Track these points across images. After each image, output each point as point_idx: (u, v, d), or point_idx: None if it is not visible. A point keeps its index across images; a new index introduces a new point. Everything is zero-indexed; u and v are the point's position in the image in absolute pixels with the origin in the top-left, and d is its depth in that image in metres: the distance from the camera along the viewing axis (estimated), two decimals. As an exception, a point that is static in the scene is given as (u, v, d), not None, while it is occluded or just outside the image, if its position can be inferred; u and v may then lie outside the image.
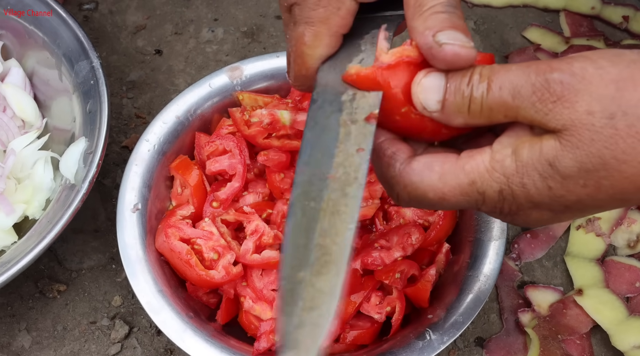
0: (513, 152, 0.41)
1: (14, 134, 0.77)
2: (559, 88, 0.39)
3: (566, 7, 0.96)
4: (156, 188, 0.71)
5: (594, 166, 0.39)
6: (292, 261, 0.40)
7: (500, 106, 0.41)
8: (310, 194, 0.42)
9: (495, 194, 0.42)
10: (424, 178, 0.43)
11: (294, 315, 0.39)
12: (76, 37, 0.75)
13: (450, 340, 0.63)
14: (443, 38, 0.42)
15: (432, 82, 0.43)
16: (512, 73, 0.40)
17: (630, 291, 0.75)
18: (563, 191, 0.40)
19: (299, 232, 0.41)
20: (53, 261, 0.77)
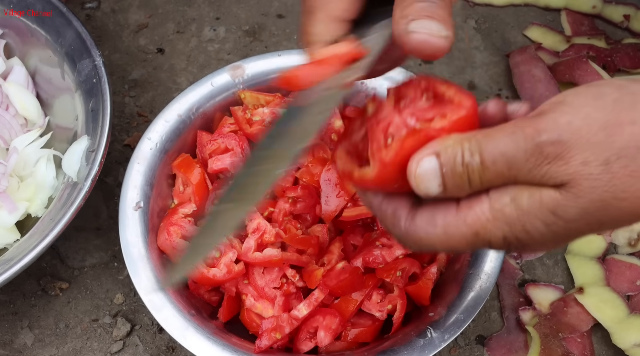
0: (512, 200, 0.41)
1: (17, 133, 0.77)
2: (551, 150, 0.39)
3: (567, 6, 0.96)
4: (158, 186, 0.71)
5: (597, 209, 0.40)
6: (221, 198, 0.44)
7: (498, 178, 0.41)
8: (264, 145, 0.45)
9: (500, 240, 0.42)
10: (429, 234, 0.44)
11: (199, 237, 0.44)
12: (78, 36, 0.75)
13: (451, 338, 0.63)
14: (414, 26, 0.43)
15: (426, 170, 0.42)
16: (501, 143, 0.40)
17: (631, 290, 0.75)
18: (566, 232, 0.41)
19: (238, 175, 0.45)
20: (55, 259, 0.77)
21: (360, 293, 0.66)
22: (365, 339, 0.67)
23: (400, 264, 0.66)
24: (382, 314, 0.66)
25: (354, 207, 0.68)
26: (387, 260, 0.66)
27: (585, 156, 0.39)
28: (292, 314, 0.64)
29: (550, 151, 0.39)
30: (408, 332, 0.64)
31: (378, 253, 0.66)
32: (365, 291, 0.66)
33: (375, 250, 0.66)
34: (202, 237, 0.44)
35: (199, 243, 0.44)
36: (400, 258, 0.66)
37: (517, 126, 0.41)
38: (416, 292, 0.67)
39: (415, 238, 0.45)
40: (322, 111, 0.46)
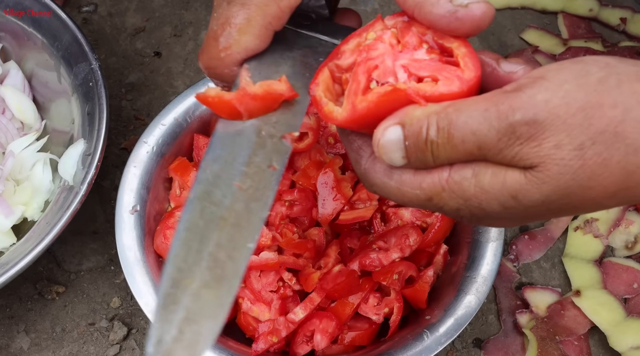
0: (473, 175, 0.39)
1: (13, 136, 0.77)
2: (524, 130, 0.37)
3: (564, 9, 0.96)
4: (155, 189, 0.71)
5: (560, 197, 0.38)
6: (181, 263, 0.38)
7: (466, 156, 0.39)
8: (213, 197, 0.40)
9: (452, 210, 0.41)
10: (385, 184, 0.42)
11: (173, 324, 0.36)
12: (75, 40, 0.75)
13: (448, 341, 0.63)
14: (464, 0, 0.39)
15: (390, 140, 0.40)
16: (473, 121, 0.38)
17: (628, 292, 0.75)
18: (524, 214, 0.40)
19: (194, 234, 0.39)
20: (52, 262, 0.77)
21: (357, 296, 0.66)
22: (362, 342, 0.67)
23: (397, 268, 0.66)
24: (378, 317, 0.66)
25: (351, 210, 0.68)
26: (384, 263, 0.66)
27: (559, 138, 0.37)
28: (289, 317, 0.64)
29: (524, 131, 0.37)
30: (405, 335, 0.64)
31: (375, 256, 0.66)
32: (362, 294, 0.66)
33: (371, 253, 0.66)
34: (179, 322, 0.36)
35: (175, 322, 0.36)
36: (396, 261, 0.66)
37: (492, 101, 0.38)
38: (413, 295, 0.67)
39: (371, 181, 0.43)
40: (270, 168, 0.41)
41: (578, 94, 0.37)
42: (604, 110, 0.37)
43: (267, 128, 0.43)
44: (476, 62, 0.40)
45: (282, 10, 0.46)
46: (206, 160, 0.42)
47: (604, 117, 0.37)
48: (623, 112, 0.37)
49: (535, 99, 0.37)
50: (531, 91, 0.38)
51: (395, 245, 0.67)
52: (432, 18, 0.41)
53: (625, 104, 0.37)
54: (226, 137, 0.43)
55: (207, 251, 0.38)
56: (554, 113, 0.37)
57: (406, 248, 0.67)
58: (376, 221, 0.70)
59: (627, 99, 0.37)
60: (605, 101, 0.37)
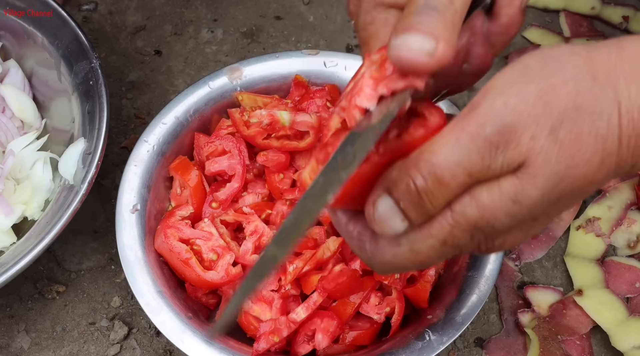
0: (471, 198, 0.40)
1: (13, 135, 0.77)
2: (499, 138, 0.38)
3: (566, 7, 0.96)
4: (155, 188, 0.71)
5: (554, 184, 0.39)
6: (274, 238, 0.40)
7: (462, 188, 0.39)
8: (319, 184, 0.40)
9: (469, 242, 0.41)
10: (396, 254, 0.42)
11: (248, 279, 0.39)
12: (75, 38, 0.75)
13: (449, 340, 0.62)
14: (394, 42, 0.40)
15: (384, 211, 0.41)
16: (451, 154, 0.38)
17: (630, 292, 0.75)
18: (530, 216, 0.40)
19: (293, 213, 0.40)
20: (52, 262, 0.77)
21: (358, 295, 0.65)
22: (364, 342, 0.67)
23: (399, 267, 0.65)
24: (380, 317, 0.66)
25: (352, 209, 0.68)
26: (385, 263, 0.65)
27: (531, 130, 0.38)
28: (290, 317, 0.64)
29: (499, 139, 0.38)
30: (406, 335, 0.64)
31: (376, 256, 0.66)
32: (363, 293, 0.66)
33: (373, 253, 0.66)
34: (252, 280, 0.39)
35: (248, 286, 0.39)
36: (398, 260, 0.66)
37: (457, 129, 0.39)
38: (414, 295, 0.67)
39: (382, 260, 0.43)
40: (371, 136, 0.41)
41: (529, 87, 0.38)
42: (558, 90, 0.38)
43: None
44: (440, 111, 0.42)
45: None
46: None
47: (560, 96, 0.38)
48: (575, 85, 0.38)
49: (494, 107, 0.38)
50: (487, 101, 0.39)
51: (397, 244, 0.67)
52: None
53: (573, 78, 0.38)
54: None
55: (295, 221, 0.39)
56: (517, 112, 0.38)
57: (408, 247, 0.67)
58: (377, 220, 0.69)
59: (572, 74, 0.39)
60: (554, 83, 0.38)
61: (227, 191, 0.70)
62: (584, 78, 0.38)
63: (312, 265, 0.65)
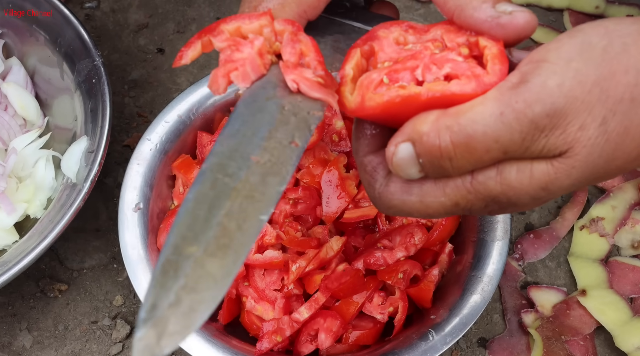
0: (498, 173, 0.39)
1: (16, 133, 0.76)
2: (547, 122, 0.36)
3: (570, 6, 0.95)
4: (158, 187, 0.71)
5: (587, 176, 0.38)
6: (185, 231, 0.36)
7: (492, 162, 0.38)
8: (227, 169, 0.38)
9: (481, 209, 0.41)
10: (405, 201, 0.41)
11: (171, 290, 0.34)
12: (78, 36, 0.75)
13: (453, 340, 0.62)
14: (508, 7, 0.39)
15: (403, 158, 0.39)
16: (492, 129, 0.36)
17: (634, 292, 0.75)
18: (551, 199, 0.40)
19: (202, 203, 0.37)
20: (54, 260, 0.77)
21: (362, 295, 0.65)
22: (367, 342, 0.66)
23: (402, 267, 0.65)
24: (383, 316, 0.66)
25: (355, 209, 0.68)
26: (389, 262, 0.65)
27: (582, 119, 0.36)
28: (293, 317, 0.64)
29: (546, 123, 0.36)
30: (409, 335, 0.64)
31: (379, 255, 0.65)
32: (367, 293, 0.65)
33: (376, 252, 0.66)
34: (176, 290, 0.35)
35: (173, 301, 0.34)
36: (401, 260, 0.66)
37: (503, 101, 0.37)
38: (418, 294, 0.67)
39: (389, 204, 0.42)
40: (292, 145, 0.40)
41: (588, 70, 0.36)
42: (618, 78, 0.36)
43: (290, 106, 0.42)
44: (504, 67, 0.39)
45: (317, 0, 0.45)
46: (223, 134, 0.41)
47: (619, 85, 0.36)
48: (636, 76, 0.36)
49: (547, 86, 0.36)
50: (539, 78, 0.37)
51: (400, 244, 0.66)
52: (474, 22, 0.40)
53: (636, 66, 0.36)
54: (247, 113, 0.42)
55: (215, 221, 0.37)
56: (570, 96, 0.36)
57: (411, 246, 0.66)
58: (381, 219, 0.69)
59: (637, 62, 0.37)
60: (616, 69, 0.36)
61: (229, 190, 0.69)
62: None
63: (315, 265, 0.65)
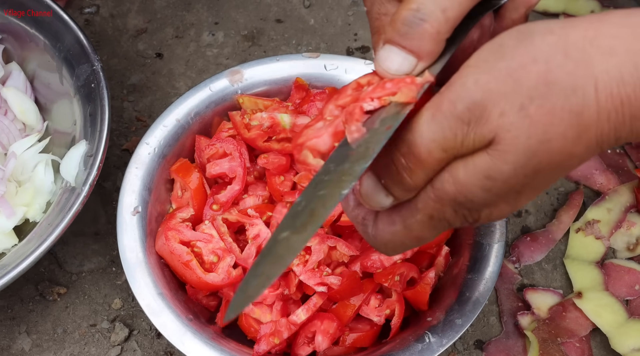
0: (450, 175, 0.41)
1: (15, 137, 0.77)
2: (469, 115, 0.39)
3: (565, 10, 0.96)
4: (156, 190, 0.71)
5: (527, 158, 0.39)
6: (284, 223, 0.41)
7: (440, 163, 0.41)
8: (329, 169, 0.42)
9: (453, 216, 0.43)
10: (393, 233, 0.44)
11: (260, 266, 0.40)
12: (77, 41, 0.75)
13: (449, 342, 0.63)
14: (380, 53, 0.43)
15: (367, 187, 0.43)
16: (427, 131, 0.40)
17: (630, 294, 0.75)
18: (510, 190, 0.41)
19: (303, 200, 0.42)
20: (53, 263, 0.77)
21: (358, 297, 0.66)
22: (364, 344, 0.67)
23: (399, 269, 0.66)
24: (380, 319, 0.66)
25: (352, 212, 0.68)
26: (385, 265, 0.66)
27: (500, 107, 0.39)
28: (291, 319, 0.64)
29: (470, 116, 0.39)
30: (406, 337, 0.64)
31: (376, 258, 0.66)
32: (363, 296, 0.66)
33: (373, 255, 0.66)
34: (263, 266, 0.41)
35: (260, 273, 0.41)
36: (398, 262, 0.66)
37: (433, 106, 0.40)
38: (414, 297, 0.67)
39: (383, 240, 0.45)
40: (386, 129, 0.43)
41: (500, 65, 0.39)
42: (527, 68, 0.39)
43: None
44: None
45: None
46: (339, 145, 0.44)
47: (530, 73, 0.39)
48: (545, 63, 0.39)
49: (466, 85, 0.39)
50: (461, 80, 0.40)
51: (397, 247, 0.67)
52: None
53: (543, 56, 0.39)
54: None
55: (308, 208, 0.41)
56: (486, 89, 0.39)
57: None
58: (378, 222, 0.70)
59: (543, 51, 0.39)
60: (524, 60, 0.39)
61: (227, 194, 0.70)
62: (555, 55, 0.39)
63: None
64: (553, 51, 0.39)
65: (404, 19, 0.42)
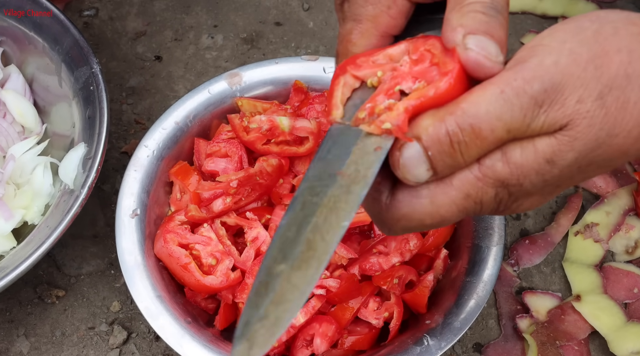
0: (503, 154, 0.39)
1: (14, 140, 0.77)
2: (545, 97, 0.38)
3: (564, 13, 0.96)
4: (155, 193, 0.71)
5: (591, 149, 0.39)
6: (277, 253, 0.38)
7: (497, 143, 0.39)
8: (315, 189, 0.40)
9: (491, 199, 0.41)
10: (415, 207, 0.41)
11: (261, 306, 0.36)
12: (76, 43, 0.76)
13: (448, 345, 0.63)
14: (471, 42, 0.40)
15: (410, 157, 0.39)
16: (493, 107, 0.38)
17: (629, 297, 0.75)
18: (558, 178, 0.40)
19: (292, 225, 0.39)
20: (52, 266, 0.77)
21: (357, 300, 0.66)
22: (362, 347, 0.67)
23: (397, 272, 0.66)
24: (378, 322, 0.66)
25: (351, 214, 0.68)
26: (384, 268, 0.66)
27: (579, 93, 0.38)
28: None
29: (545, 98, 0.38)
30: (405, 340, 0.64)
31: (375, 261, 0.66)
32: (362, 298, 0.66)
33: (372, 258, 0.66)
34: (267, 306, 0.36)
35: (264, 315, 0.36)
36: (397, 265, 0.66)
37: (502, 82, 0.38)
38: (413, 300, 0.67)
39: (397, 215, 0.41)
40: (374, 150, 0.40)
41: (582, 49, 0.38)
42: (610, 56, 0.38)
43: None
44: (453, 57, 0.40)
45: (394, 18, 0.46)
46: (315, 159, 0.42)
47: (612, 63, 0.38)
48: (628, 54, 0.38)
49: (544, 64, 0.38)
50: (535, 58, 0.38)
51: (396, 249, 0.67)
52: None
53: (628, 47, 0.38)
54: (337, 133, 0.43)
55: (302, 238, 0.38)
56: (566, 72, 0.38)
57: (406, 252, 0.67)
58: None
59: (628, 42, 0.38)
60: (608, 48, 0.38)
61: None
62: (638, 48, 0.38)
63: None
64: (637, 43, 0.38)
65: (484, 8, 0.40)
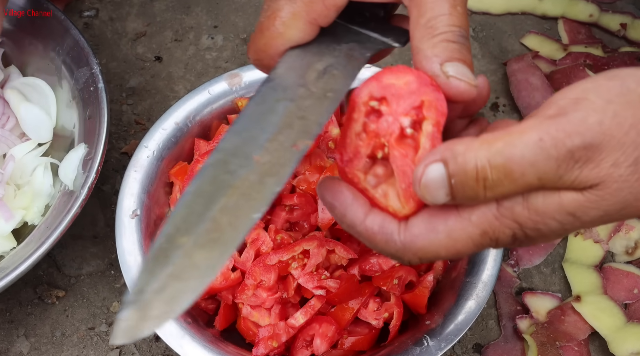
0: (524, 199, 0.39)
1: (14, 141, 0.77)
2: (582, 154, 0.38)
3: (564, 14, 0.96)
4: (155, 194, 0.71)
5: (617, 210, 0.39)
6: (180, 222, 0.38)
7: (525, 188, 0.39)
8: (228, 166, 0.40)
9: (508, 238, 0.41)
10: (432, 241, 0.42)
11: (158, 277, 0.36)
12: (76, 44, 0.76)
13: (448, 346, 0.63)
14: (451, 70, 0.41)
15: (433, 179, 0.40)
16: (529, 152, 0.38)
17: (629, 298, 0.75)
18: (579, 227, 0.41)
19: (200, 197, 0.39)
20: (52, 267, 0.77)
21: (357, 301, 0.66)
22: (362, 347, 0.67)
23: (397, 272, 0.66)
24: (378, 322, 0.66)
25: (351, 215, 0.68)
26: (384, 268, 0.66)
27: (615, 157, 0.38)
28: (289, 322, 0.64)
29: (582, 155, 0.38)
30: (405, 340, 0.64)
31: (374, 261, 0.66)
32: (362, 299, 0.66)
33: (371, 258, 0.66)
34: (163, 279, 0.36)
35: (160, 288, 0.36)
36: (396, 266, 0.66)
37: (542, 129, 0.38)
38: (413, 300, 0.67)
39: (415, 249, 0.42)
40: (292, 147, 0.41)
41: (627, 113, 0.38)
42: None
43: (297, 111, 0.43)
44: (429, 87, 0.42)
45: (327, 8, 0.47)
46: (230, 131, 0.42)
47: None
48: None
49: (587, 122, 0.38)
50: (579, 113, 0.38)
51: (395, 250, 0.67)
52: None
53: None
54: (255, 112, 0.43)
55: (209, 215, 0.38)
56: (608, 134, 0.38)
57: (406, 253, 0.67)
58: (376, 226, 0.70)
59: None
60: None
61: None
62: None
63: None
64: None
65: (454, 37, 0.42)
